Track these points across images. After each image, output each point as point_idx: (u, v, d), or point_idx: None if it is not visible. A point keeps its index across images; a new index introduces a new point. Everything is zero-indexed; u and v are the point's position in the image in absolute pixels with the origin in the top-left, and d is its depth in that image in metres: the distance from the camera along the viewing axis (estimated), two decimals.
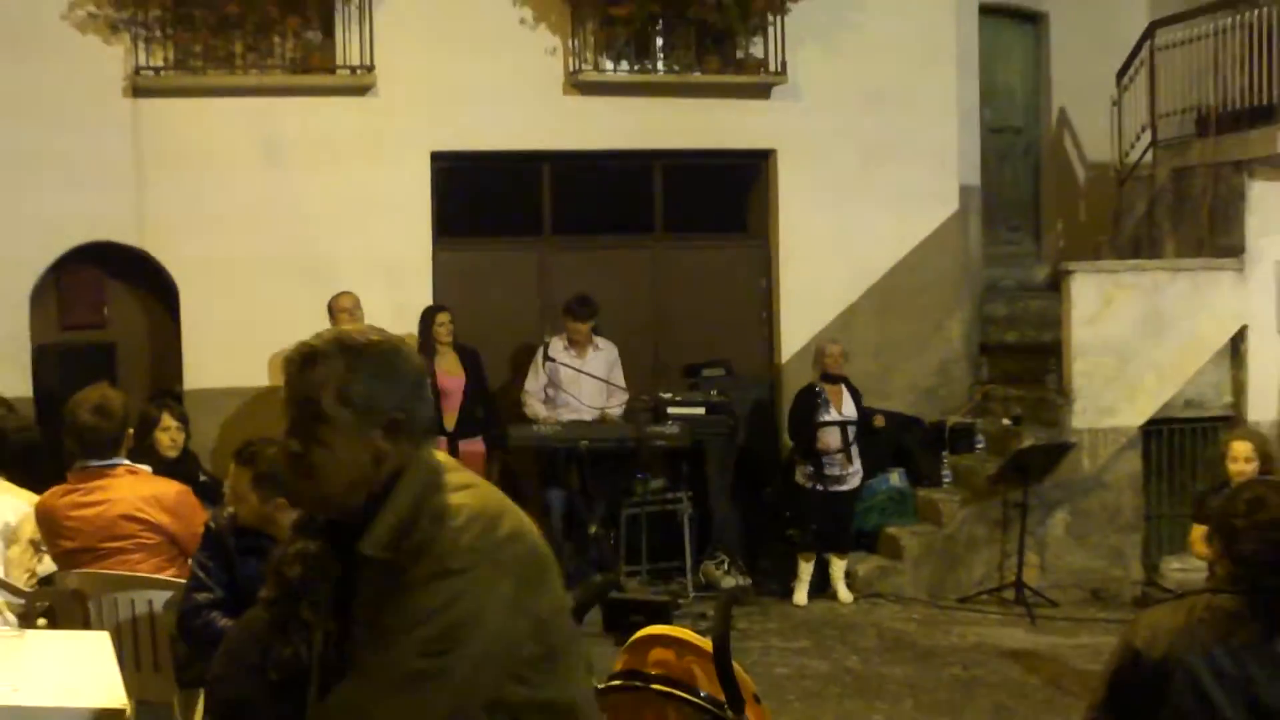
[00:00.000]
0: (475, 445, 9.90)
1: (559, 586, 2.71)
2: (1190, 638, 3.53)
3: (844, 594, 10.13)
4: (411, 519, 2.54)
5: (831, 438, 10.03)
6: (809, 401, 10.09)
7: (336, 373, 2.57)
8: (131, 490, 5.79)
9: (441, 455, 2.72)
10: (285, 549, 4.07)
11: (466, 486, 2.63)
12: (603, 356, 10.23)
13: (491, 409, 10.15)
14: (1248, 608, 3.54)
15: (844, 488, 10.14)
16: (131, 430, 6.17)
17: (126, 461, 5.97)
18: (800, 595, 10.09)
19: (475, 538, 2.51)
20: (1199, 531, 6.80)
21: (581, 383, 10.10)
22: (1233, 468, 6.80)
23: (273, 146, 10.35)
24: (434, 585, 2.48)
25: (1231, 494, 3.81)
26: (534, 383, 10.18)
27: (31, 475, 6.27)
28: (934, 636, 9.50)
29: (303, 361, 2.61)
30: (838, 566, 10.19)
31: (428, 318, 10.02)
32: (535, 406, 10.10)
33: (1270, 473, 6.64)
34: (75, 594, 5.71)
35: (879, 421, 10.14)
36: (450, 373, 9.90)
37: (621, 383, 10.30)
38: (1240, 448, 6.90)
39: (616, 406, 10.23)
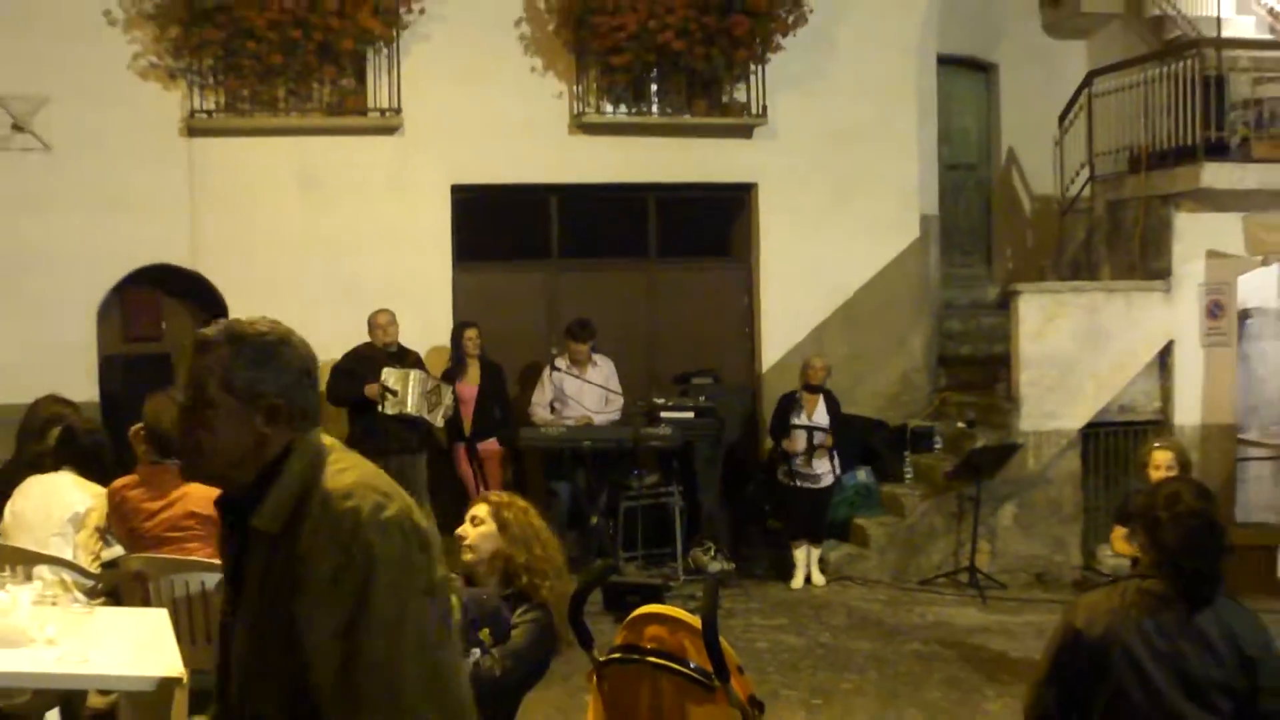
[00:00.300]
0: (491, 445, 9.97)
1: (439, 554, 2.61)
2: (1125, 618, 3.55)
3: (817, 578, 10.14)
4: (300, 497, 2.48)
5: (798, 441, 10.06)
6: (786, 406, 10.16)
7: (222, 361, 2.52)
8: (198, 491, 5.83)
9: (327, 438, 2.64)
10: None
11: (351, 467, 2.56)
12: (600, 371, 10.27)
13: (508, 415, 10.18)
14: (1172, 589, 3.57)
15: (817, 485, 10.16)
16: None
17: None
18: (797, 580, 10.10)
19: (369, 514, 2.43)
20: (1119, 532, 6.77)
21: (585, 392, 10.15)
22: (1155, 475, 6.49)
23: (311, 180, 10.38)
24: (345, 567, 2.40)
25: (1152, 491, 3.85)
26: (540, 395, 10.21)
27: (97, 472, 6.29)
28: (897, 615, 9.52)
29: (196, 349, 2.57)
30: (812, 554, 10.21)
31: (457, 332, 10.10)
32: (541, 415, 10.15)
33: None
34: (138, 575, 5.73)
35: (827, 442, 10.12)
36: (469, 382, 9.99)
37: (618, 389, 10.35)
38: (1161, 457, 6.67)
39: (613, 412, 10.27)
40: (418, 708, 2.44)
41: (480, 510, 4.60)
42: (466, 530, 4.58)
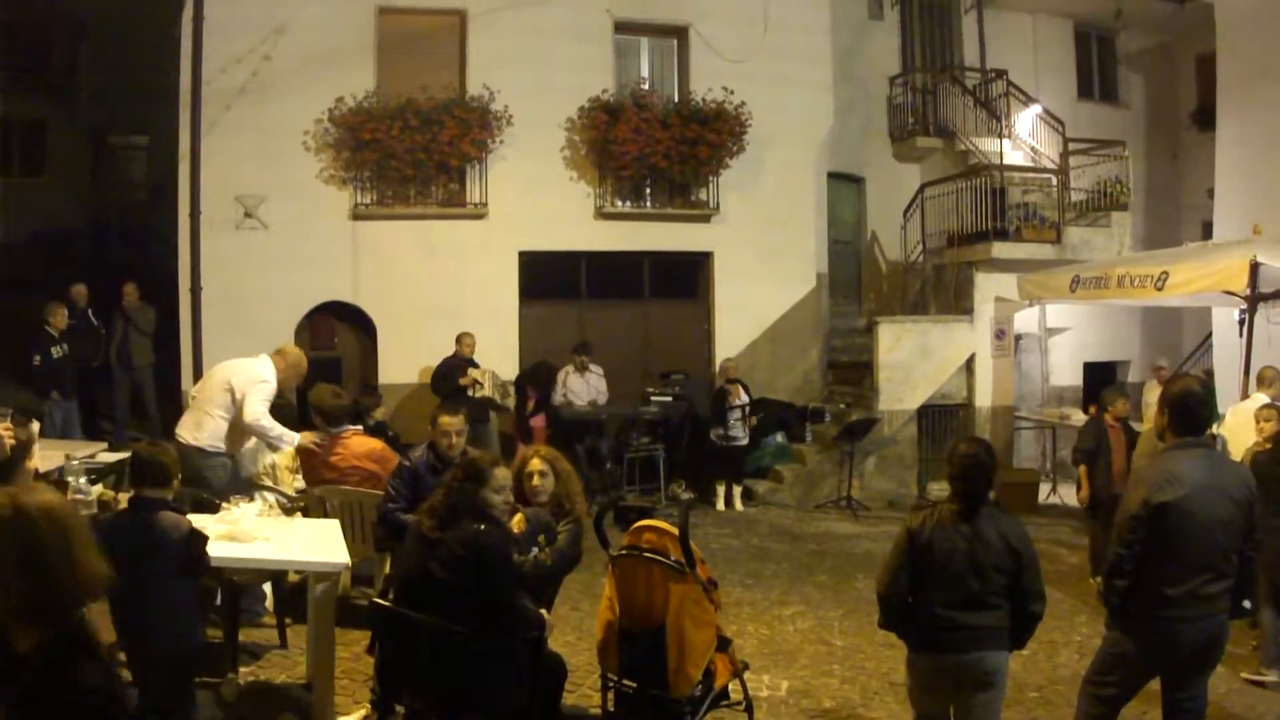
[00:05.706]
0: (539, 420, 9.96)
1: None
2: (937, 525, 3.57)
3: (738, 505, 9.91)
4: None
5: (733, 415, 9.88)
6: (720, 395, 10.06)
7: None
8: (355, 449, 5.81)
9: None
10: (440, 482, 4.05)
11: None
12: (594, 374, 10.22)
13: (550, 400, 10.13)
14: (960, 507, 3.59)
15: (740, 444, 9.96)
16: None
17: (353, 426, 5.98)
18: (720, 504, 9.87)
19: None
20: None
21: (582, 387, 10.16)
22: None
23: (429, 248, 10.32)
24: None
25: (953, 445, 3.82)
26: (558, 388, 10.13)
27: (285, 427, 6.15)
28: (800, 527, 9.49)
29: None
30: (735, 488, 9.99)
31: (525, 375, 10.00)
32: (557, 399, 10.06)
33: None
34: (319, 499, 5.74)
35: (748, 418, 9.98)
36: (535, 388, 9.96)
37: (604, 389, 10.22)
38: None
39: (603, 400, 10.16)
40: None
41: (543, 466, 4.53)
42: (537, 481, 4.49)
